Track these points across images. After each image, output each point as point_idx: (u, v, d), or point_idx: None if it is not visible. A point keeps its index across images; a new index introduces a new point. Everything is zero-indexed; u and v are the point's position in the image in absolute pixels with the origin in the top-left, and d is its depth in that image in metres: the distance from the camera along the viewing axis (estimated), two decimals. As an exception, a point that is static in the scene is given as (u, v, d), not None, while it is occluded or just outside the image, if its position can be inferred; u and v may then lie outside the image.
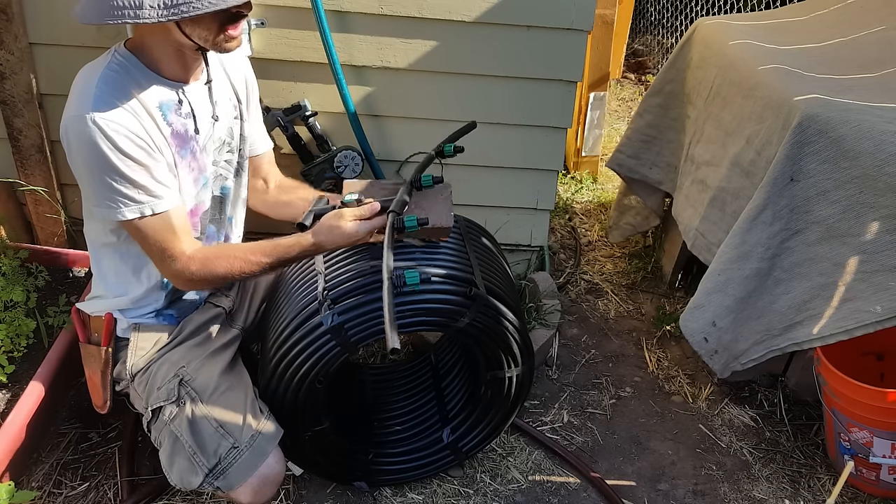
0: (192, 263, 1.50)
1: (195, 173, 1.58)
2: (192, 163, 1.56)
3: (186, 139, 1.52)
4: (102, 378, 1.65)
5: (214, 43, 1.40)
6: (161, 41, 1.43)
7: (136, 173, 1.40)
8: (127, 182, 1.40)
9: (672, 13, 4.63)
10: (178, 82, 1.49)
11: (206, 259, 1.51)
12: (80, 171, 1.42)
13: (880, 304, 1.70)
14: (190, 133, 1.53)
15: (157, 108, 1.45)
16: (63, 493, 1.80)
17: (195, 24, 1.36)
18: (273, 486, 1.52)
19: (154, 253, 1.50)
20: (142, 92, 1.43)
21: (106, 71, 1.40)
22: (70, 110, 1.37)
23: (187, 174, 1.55)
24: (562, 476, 1.96)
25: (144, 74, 1.44)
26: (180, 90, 1.50)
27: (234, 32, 1.41)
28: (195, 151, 1.56)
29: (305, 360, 1.56)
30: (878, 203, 1.67)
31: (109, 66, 1.41)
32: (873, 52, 2.07)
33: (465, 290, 1.59)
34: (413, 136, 2.28)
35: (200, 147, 1.57)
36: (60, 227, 2.28)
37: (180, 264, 1.50)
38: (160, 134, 1.45)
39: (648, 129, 2.53)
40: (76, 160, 1.41)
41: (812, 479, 1.98)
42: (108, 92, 1.38)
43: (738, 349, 1.97)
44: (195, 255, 1.51)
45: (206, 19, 1.35)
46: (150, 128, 1.43)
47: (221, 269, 1.52)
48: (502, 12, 2.09)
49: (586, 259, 2.91)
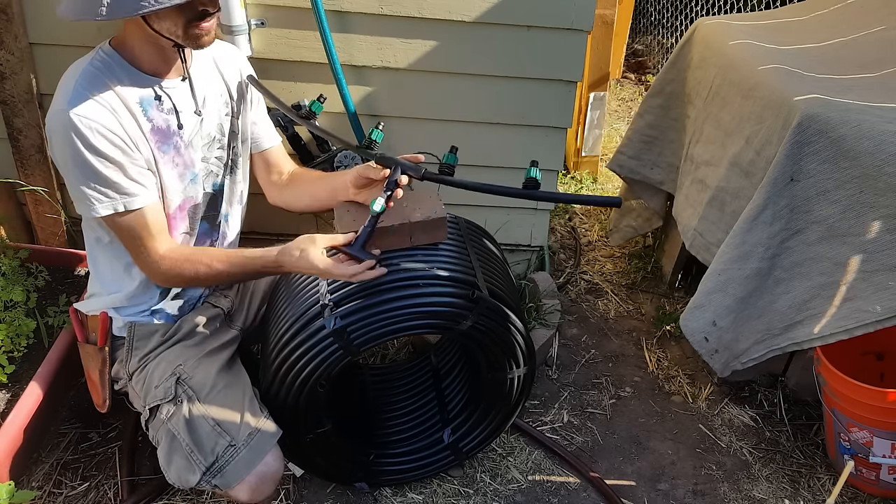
0: (164, 262, 1.54)
1: (180, 168, 1.58)
2: (175, 158, 1.56)
3: (169, 134, 1.53)
4: (101, 377, 1.65)
5: (185, 37, 1.42)
6: (140, 36, 1.45)
7: (109, 171, 1.42)
8: (100, 179, 1.42)
9: (672, 13, 4.63)
10: (157, 77, 1.51)
11: (176, 261, 1.55)
12: (59, 165, 1.46)
13: (880, 304, 1.70)
14: (172, 128, 1.54)
15: (137, 103, 1.47)
16: (63, 492, 1.80)
17: (161, 19, 1.39)
18: (271, 484, 1.51)
19: (130, 248, 1.54)
20: (122, 87, 1.45)
21: (87, 67, 1.43)
22: (52, 106, 1.41)
23: (171, 170, 1.56)
24: (562, 476, 1.96)
25: (126, 70, 1.47)
26: (158, 86, 1.51)
27: (204, 26, 1.42)
28: (179, 147, 1.56)
29: (307, 364, 1.55)
30: (878, 203, 1.67)
31: (92, 63, 1.44)
32: (873, 52, 2.07)
33: (467, 293, 1.59)
34: (413, 136, 2.28)
35: (185, 142, 1.57)
36: (60, 227, 2.28)
37: (152, 262, 1.54)
38: (139, 130, 1.47)
39: (649, 130, 2.53)
40: (56, 155, 1.44)
41: (812, 479, 1.98)
42: (88, 88, 1.40)
43: (738, 349, 1.97)
44: (167, 254, 1.54)
45: (170, 14, 1.37)
46: (129, 124, 1.45)
47: (188, 272, 1.56)
48: (502, 12, 2.09)
49: (586, 259, 2.91)
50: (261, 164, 1.83)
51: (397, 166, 1.52)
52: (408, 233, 1.60)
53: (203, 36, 1.43)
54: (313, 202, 1.79)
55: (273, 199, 1.86)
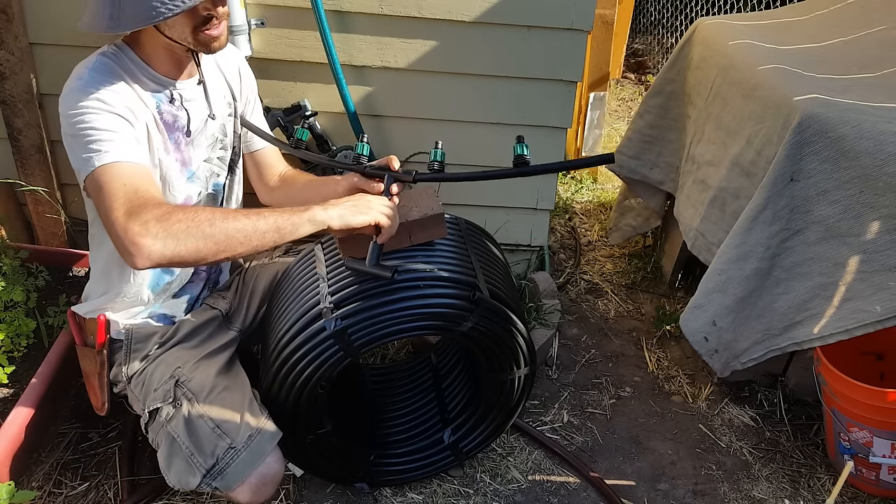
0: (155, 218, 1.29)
1: (178, 164, 1.59)
2: (175, 153, 1.57)
3: (172, 129, 1.55)
4: (99, 380, 1.65)
5: (196, 42, 1.44)
6: (154, 41, 1.47)
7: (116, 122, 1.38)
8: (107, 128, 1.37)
9: (672, 13, 4.63)
10: (170, 79, 1.53)
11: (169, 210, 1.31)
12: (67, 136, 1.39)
13: (880, 304, 1.70)
14: (179, 125, 1.55)
15: (149, 94, 1.49)
16: (63, 492, 1.80)
17: (171, 27, 1.41)
18: (272, 485, 1.51)
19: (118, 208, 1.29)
20: (133, 78, 1.47)
21: (100, 57, 1.45)
22: (64, 89, 1.41)
23: (172, 162, 1.56)
24: (561, 476, 1.96)
25: (138, 66, 1.49)
26: (171, 87, 1.53)
27: (212, 33, 1.44)
28: (179, 143, 1.57)
29: (308, 365, 1.55)
30: (878, 203, 1.67)
31: (104, 53, 1.46)
32: (873, 52, 2.07)
33: (468, 294, 1.59)
34: (413, 135, 2.28)
35: (187, 140, 1.58)
36: (60, 227, 2.28)
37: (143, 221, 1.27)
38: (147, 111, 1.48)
39: (649, 130, 2.53)
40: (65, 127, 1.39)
41: (812, 479, 1.98)
42: (101, 72, 1.42)
43: (738, 348, 1.97)
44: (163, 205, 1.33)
45: (179, 21, 1.39)
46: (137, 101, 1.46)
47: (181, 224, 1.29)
48: (502, 12, 2.09)
49: (586, 259, 2.91)
50: (252, 165, 1.84)
51: (389, 177, 1.56)
52: (406, 232, 1.60)
53: (213, 41, 1.45)
54: None
55: (264, 200, 1.87)
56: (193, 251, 1.29)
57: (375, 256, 1.50)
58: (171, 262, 1.29)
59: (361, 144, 1.66)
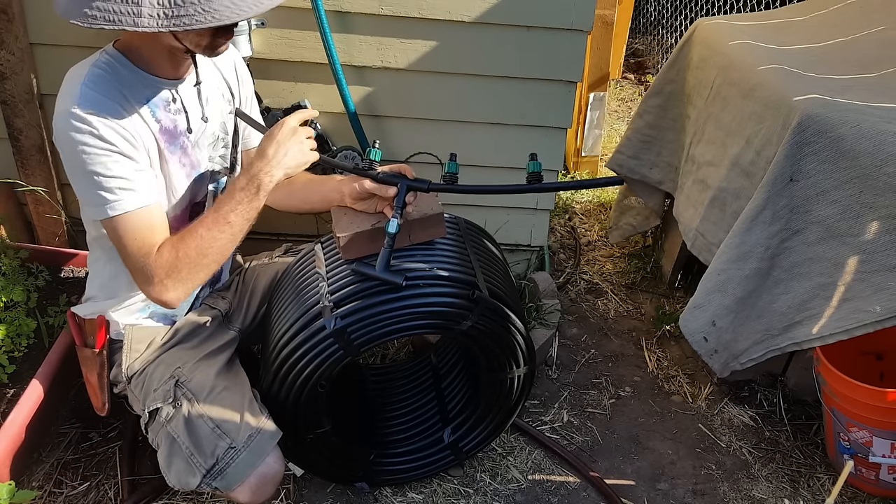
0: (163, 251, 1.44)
1: (187, 169, 1.58)
2: (182, 158, 1.56)
3: (176, 135, 1.53)
4: (99, 381, 1.65)
5: (205, 48, 1.42)
6: (151, 43, 1.43)
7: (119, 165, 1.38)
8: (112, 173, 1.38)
9: (672, 13, 4.63)
10: (168, 80, 1.50)
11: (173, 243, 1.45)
12: (68, 168, 1.41)
13: (880, 304, 1.70)
14: (180, 129, 1.54)
15: (144, 105, 1.46)
16: (63, 492, 1.80)
17: (188, 32, 1.36)
18: (272, 485, 1.52)
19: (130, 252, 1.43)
20: (129, 90, 1.43)
21: (93, 69, 1.41)
22: (58, 108, 1.38)
23: (179, 169, 1.56)
24: (561, 475, 1.96)
25: (133, 73, 1.45)
26: (173, 89, 1.51)
27: (226, 39, 1.42)
28: (185, 147, 1.56)
29: (308, 364, 1.56)
30: (878, 203, 1.67)
31: (97, 65, 1.42)
32: (873, 52, 2.07)
33: (468, 293, 1.59)
34: (413, 136, 2.28)
35: (192, 143, 1.58)
36: (61, 227, 2.28)
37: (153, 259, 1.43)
38: (147, 129, 1.46)
39: (648, 130, 2.52)
40: (65, 158, 1.40)
41: (811, 479, 1.98)
42: (94, 89, 1.38)
43: (737, 349, 1.97)
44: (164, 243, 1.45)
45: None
46: (137, 123, 1.43)
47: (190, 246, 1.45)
48: (502, 12, 2.09)
49: (586, 259, 2.91)
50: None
51: (403, 184, 1.55)
52: (406, 231, 1.60)
53: (221, 47, 1.44)
54: (303, 205, 1.80)
55: None
56: (203, 278, 1.50)
57: (385, 262, 1.50)
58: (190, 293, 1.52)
59: (374, 150, 1.66)
